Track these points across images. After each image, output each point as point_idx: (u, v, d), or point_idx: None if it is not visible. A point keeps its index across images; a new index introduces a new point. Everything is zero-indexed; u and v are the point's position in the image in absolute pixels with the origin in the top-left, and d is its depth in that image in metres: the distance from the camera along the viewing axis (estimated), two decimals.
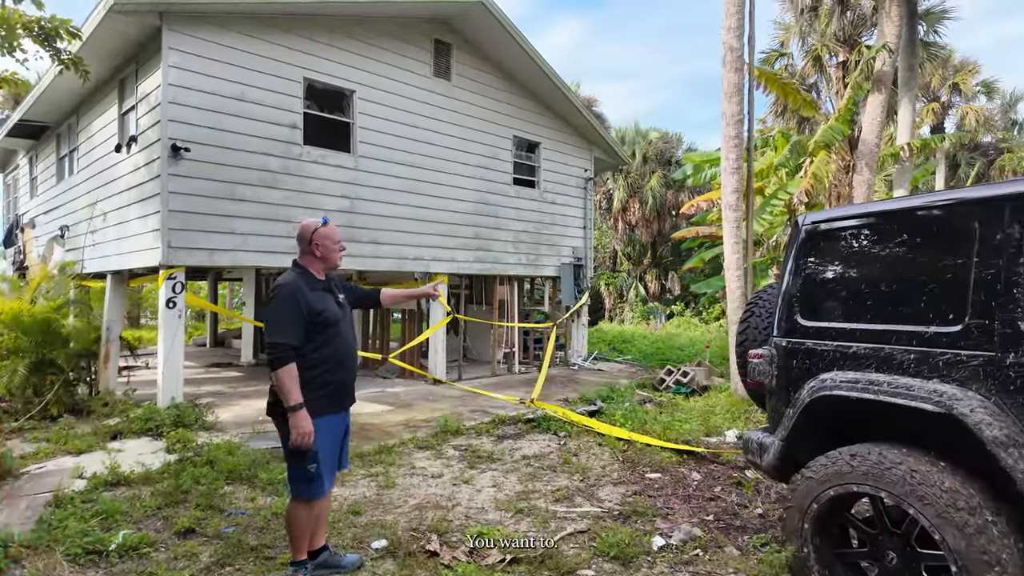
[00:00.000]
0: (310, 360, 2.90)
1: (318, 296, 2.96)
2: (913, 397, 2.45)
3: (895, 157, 9.73)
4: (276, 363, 2.79)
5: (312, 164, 8.69)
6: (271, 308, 2.92)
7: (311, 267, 3.08)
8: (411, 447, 6.15)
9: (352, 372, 3.13)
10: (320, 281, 3.06)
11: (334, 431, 3.02)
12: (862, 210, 2.92)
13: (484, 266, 11.03)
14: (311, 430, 2.81)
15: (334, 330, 2.97)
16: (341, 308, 3.09)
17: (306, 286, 2.95)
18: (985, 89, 21.35)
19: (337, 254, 3.10)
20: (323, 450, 2.93)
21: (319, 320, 2.90)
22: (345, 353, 3.04)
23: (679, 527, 4.16)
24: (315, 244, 3.05)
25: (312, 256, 3.08)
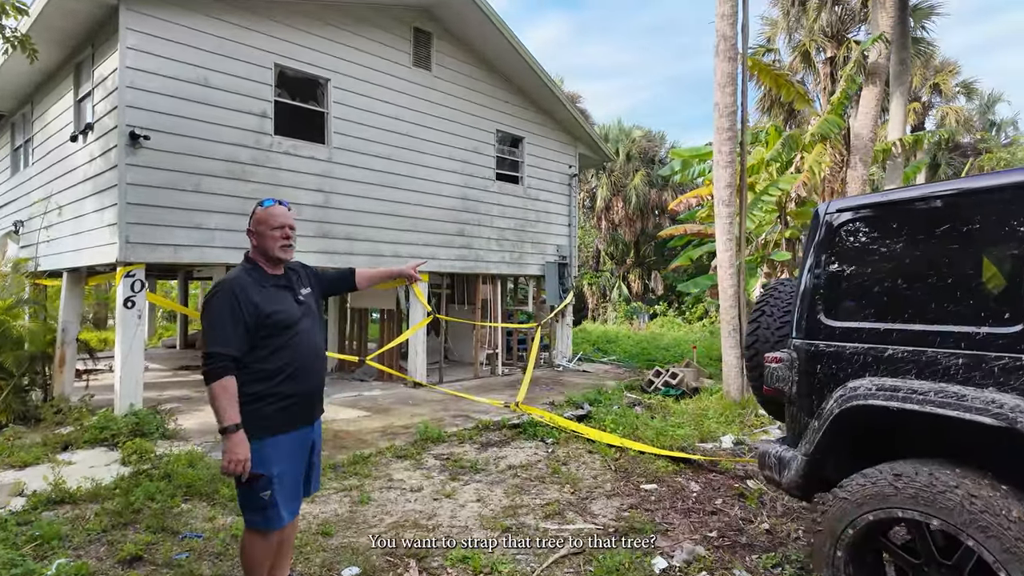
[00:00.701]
0: (260, 371, 2.45)
1: (269, 295, 2.50)
2: (967, 408, 2.12)
3: (886, 153, 9.57)
4: (208, 376, 2.36)
5: (284, 155, 8.22)
6: (205, 312, 2.47)
7: (260, 260, 2.61)
8: (388, 456, 5.74)
9: (317, 381, 2.68)
10: (273, 277, 2.59)
11: (294, 451, 2.56)
12: (898, 196, 2.59)
13: (466, 264, 10.63)
14: (245, 457, 2.35)
15: (291, 334, 2.51)
16: (302, 306, 2.62)
17: (253, 284, 2.49)
18: (965, 90, 21.52)
19: (276, 243, 2.55)
20: (281, 474, 2.48)
21: (269, 323, 2.45)
22: (307, 360, 2.57)
23: (681, 545, 3.82)
24: (249, 231, 2.60)
25: (252, 247, 2.62)
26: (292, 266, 2.76)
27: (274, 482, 2.45)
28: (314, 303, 2.75)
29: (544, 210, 12.21)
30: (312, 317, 2.67)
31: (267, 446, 2.43)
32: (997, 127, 24.21)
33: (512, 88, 11.43)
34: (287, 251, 2.59)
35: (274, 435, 2.46)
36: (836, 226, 2.79)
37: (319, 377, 2.70)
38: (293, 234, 2.63)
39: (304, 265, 2.88)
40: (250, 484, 2.41)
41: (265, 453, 2.43)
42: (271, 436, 2.45)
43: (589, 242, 26.19)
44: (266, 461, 2.42)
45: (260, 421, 2.42)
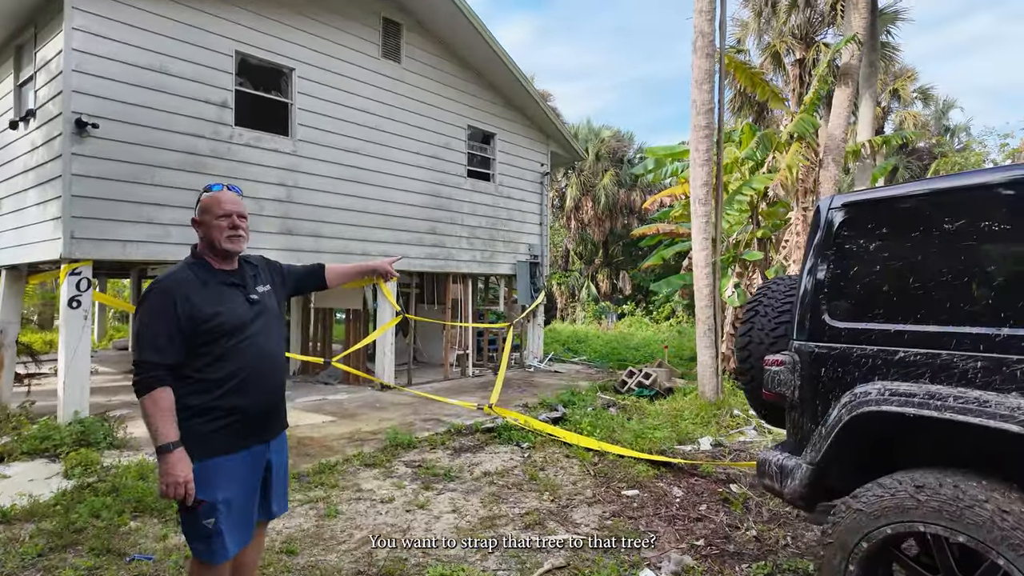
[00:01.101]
0: (201, 382, 2.12)
1: (212, 294, 2.16)
2: (991, 415, 1.99)
3: (855, 154, 9.69)
4: (138, 388, 2.05)
5: (245, 147, 7.81)
6: (137, 315, 2.15)
7: (208, 254, 2.27)
8: (356, 464, 5.44)
9: (272, 392, 2.32)
10: (220, 273, 2.24)
11: (245, 474, 2.22)
12: (909, 190, 2.46)
13: (437, 263, 10.35)
14: (185, 479, 2.02)
15: (239, 339, 2.17)
16: (254, 306, 2.27)
17: (194, 281, 2.16)
18: (922, 96, 22.22)
19: (223, 233, 2.20)
20: (228, 501, 2.14)
21: (210, 328, 2.11)
22: (259, 368, 2.22)
23: (668, 556, 3.65)
24: (195, 221, 2.26)
25: (199, 238, 2.28)
26: (251, 260, 2.44)
27: (219, 509, 2.11)
28: (273, 302, 2.40)
29: (516, 208, 12.01)
30: (268, 319, 2.32)
31: (210, 468, 2.10)
32: (951, 132, 25.11)
33: (484, 83, 11.19)
34: (236, 242, 2.24)
35: (218, 455, 2.13)
36: (840, 222, 2.65)
37: (275, 388, 2.34)
38: (244, 224, 2.28)
39: (267, 260, 2.55)
40: (192, 510, 2.09)
41: (208, 476, 2.09)
42: (214, 457, 2.12)
43: (558, 242, 26.14)
44: (209, 485, 2.09)
45: (201, 439, 2.10)
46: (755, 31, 14.30)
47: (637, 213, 24.13)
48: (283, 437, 2.45)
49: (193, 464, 2.07)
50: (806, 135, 8.35)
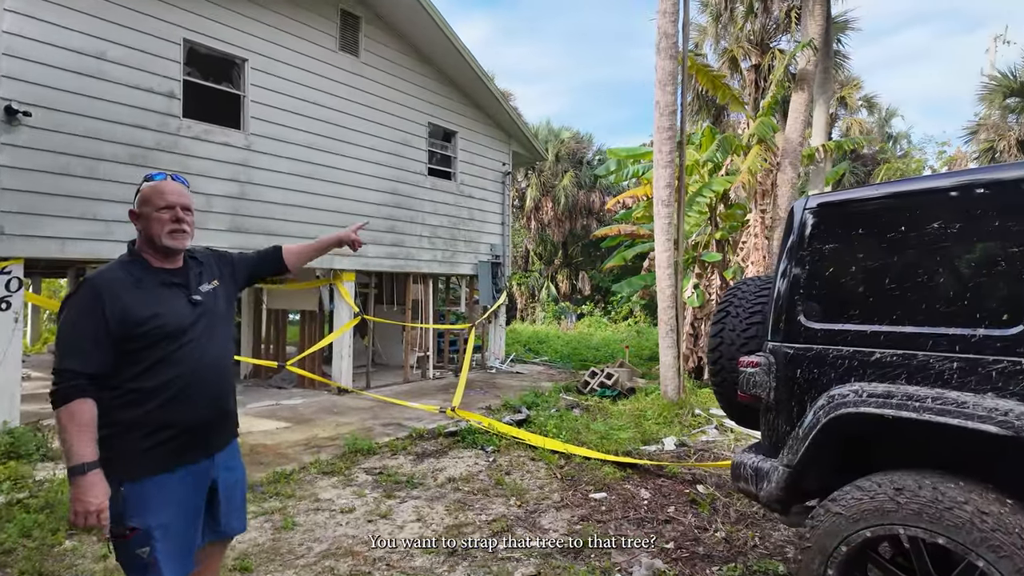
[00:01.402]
0: (132, 392, 1.89)
1: (146, 295, 1.94)
2: (968, 416, 1.99)
3: (810, 158, 9.96)
4: (54, 400, 1.82)
5: (194, 140, 7.43)
6: (59, 318, 1.94)
7: (146, 250, 2.03)
8: (314, 473, 5.21)
9: (217, 403, 2.09)
10: (159, 272, 2.01)
11: (183, 495, 1.98)
12: (883, 191, 2.46)
13: (396, 263, 10.11)
14: (98, 507, 1.78)
15: (178, 344, 1.95)
16: (197, 308, 2.04)
17: (127, 281, 1.93)
18: (867, 104, 23.20)
19: (164, 227, 1.97)
20: (165, 526, 1.91)
21: (142, 333, 1.88)
22: (200, 376, 2.00)
23: (639, 560, 3.60)
24: (133, 213, 2.03)
25: (137, 232, 2.04)
26: (196, 255, 2.19)
27: (154, 536, 1.87)
28: (221, 301, 2.16)
29: (478, 208, 11.87)
30: (213, 320, 2.09)
31: (143, 490, 1.88)
32: (894, 140, 26.28)
33: (445, 81, 11.02)
34: (179, 238, 2.01)
35: (154, 475, 1.90)
36: (814, 223, 2.64)
37: (220, 396, 2.11)
38: (189, 218, 2.04)
39: (214, 251, 2.31)
40: (122, 538, 1.85)
41: (141, 499, 1.87)
42: (150, 476, 1.90)
43: (519, 242, 26.11)
44: (142, 510, 1.87)
45: (133, 458, 1.88)
46: (713, 36, 14.59)
47: (596, 214, 24.31)
48: (234, 448, 2.23)
49: (123, 486, 1.85)
50: (766, 138, 8.51)
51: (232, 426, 2.22)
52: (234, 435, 2.23)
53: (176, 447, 1.95)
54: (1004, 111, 20.00)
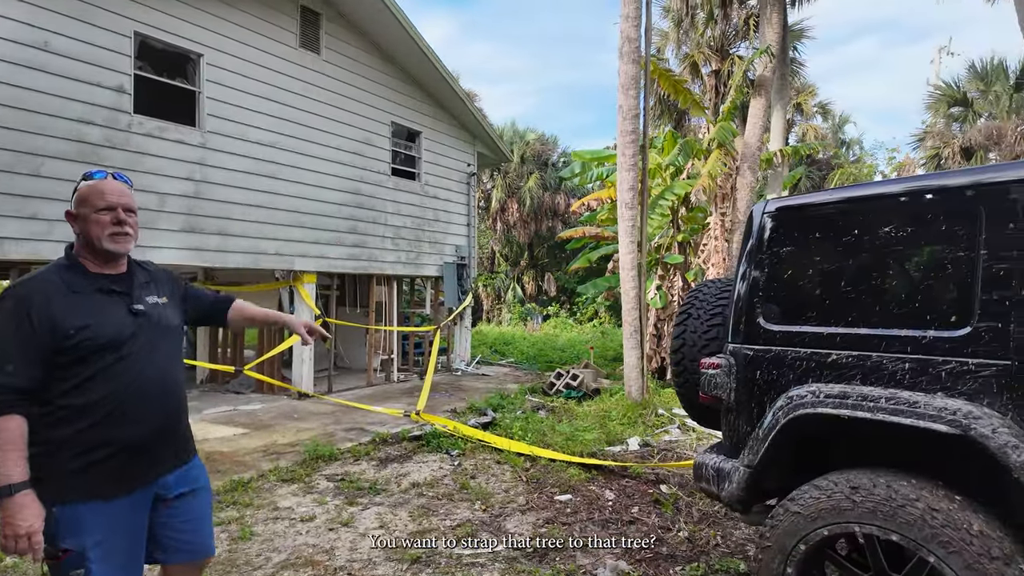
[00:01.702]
0: (64, 409, 1.75)
1: (79, 304, 1.80)
2: (920, 416, 2.04)
3: (768, 162, 10.22)
4: None
5: (146, 138, 7.16)
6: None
7: (84, 254, 1.89)
8: (272, 480, 5.07)
9: (158, 424, 1.92)
10: (97, 278, 1.88)
11: (124, 520, 1.84)
12: (840, 195, 2.52)
13: (359, 264, 9.95)
14: (28, 530, 1.65)
15: (114, 357, 1.81)
16: (138, 319, 1.90)
17: (61, 288, 1.80)
18: (821, 110, 23.96)
19: (104, 229, 1.83)
20: (103, 546, 1.78)
21: (75, 344, 1.75)
22: (141, 392, 1.86)
23: (603, 562, 3.61)
24: (70, 214, 1.89)
25: (75, 235, 1.90)
26: (148, 267, 2.06)
27: (89, 558, 1.75)
28: (168, 315, 2.02)
29: (443, 208, 11.78)
30: (156, 333, 1.94)
31: (78, 513, 1.75)
32: (846, 145, 27.21)
33: (409, 80, 10.90)
34: (120, 241, 1.87)
35: (85, 500, 1.77)
36: (773, 227, 2.68)
37: (164, 417, 1.95)
38: (132, 220, 1.91)
39: (171, 273, 2.16)
40: (55, 559, 1.74)
41: (75, 520, 1.75)
42: (84, 501, 1.76)
43: (484, 243, 26.06)
44: (76, 531, 1.74)
45: (63, 480, 1.75)
46: (675, 41, 14.86)
47: (562, 216, 24.44)
48: (194, 465, 2.08)
49: (55, 507, 1.72)
50: (726, 142, 8.69)
51: (183, 446, 2.05)
52: (186, 457, 2.06)
53: (111, 471, 1.81)
54: (948, 119, 20.95)
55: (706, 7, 13.83)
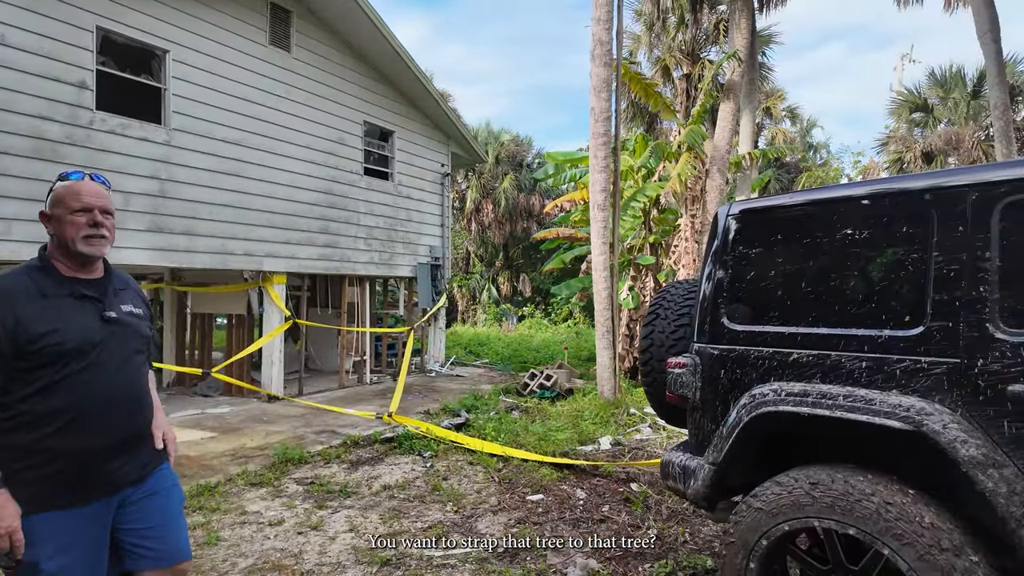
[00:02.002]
0: (23, 415, 1.69)
1: (50, 308, 1.74)
2: (875, 412, 2.10)
3: (737, 165, 10.41)
4: None
5: (109, 135, 6.97)
6: None
7: (58, 256, 1.84)
8: (240, 484, 4.99)
9: (121, 437, 1.86)
10: (69, 282, 1.83)
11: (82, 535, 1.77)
12: (800, 199, 2.58)
13: (331, 264, 9.84)
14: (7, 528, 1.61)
15: (79, 365, 1.75)
16: (109, 326, 1.85)
17: (30, 290, 1.74)
18: (790, 114, 24.51)
19: (79, 231, 1.79)
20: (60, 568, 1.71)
21: (40, 349, 1.69)
22: (106, 401, 1.80)
23: (574, 561, 3.63)
24: (44, 215, 1.85)
25: (49, 236, 1.86)
26: (126, 278, 2.01)
27: (43, 573, 1.69)
28: (141, 326, 1.98)
29: (416, 209, 11.72)
30: (128, 343, 1.90)
31: (32, 524, 1.68)
32: (814, 149, 27.87)
33: (382, 79, 10.82)
34: (96, 244, 1.83)
35: (45, 511, 1.71)
36: (737, 228, 2.73)
37: (129, 428, 1.88)
38: (109, 222, 1.87)
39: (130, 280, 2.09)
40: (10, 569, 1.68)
41: (28, 532, 1.67)
42: (39, 512, 1.70)
43: (459, 244, 26.00)
44: (29, 542, 1.68)
45: (20, 488, 1.68)
46: (647, 45, 15.04)
47: (536, 217, 24.52)
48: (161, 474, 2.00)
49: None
50: (695, 145, 8.83)
51: (149, 458, 1.98)
52: (155, 467, 1.99)
53: (70, 481, 1.74)
54: (910, 125, 21.60)
55: (677, 11, 14.05)
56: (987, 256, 2.04)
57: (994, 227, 2.04)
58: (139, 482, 1.93)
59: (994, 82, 10.17)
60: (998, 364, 1.97)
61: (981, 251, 2.05)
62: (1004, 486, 1.88)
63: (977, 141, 17.41)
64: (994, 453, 1.93)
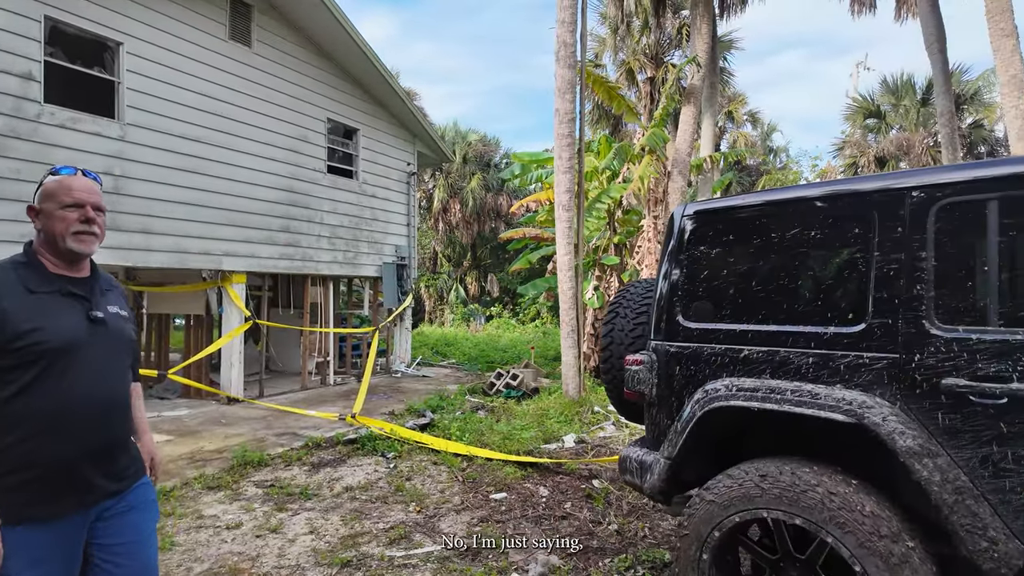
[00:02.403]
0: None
1: (35, 305, 1.67)
2: (820, 406, 2.18)
3: (698, 167, 10.63)
4: None
5: (59, 129, 6.72)
6: None
7: (45, 252, 1.77)
8: (197, 488, 4.87)
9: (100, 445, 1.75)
10: (57, 279, 1.75)
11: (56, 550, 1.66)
12: (750, 200, 2.65)
13: (293, 264, 9.67)
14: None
15: (63, 366, 1.66)
16: (96, 326, 1.77)
17: (14, 285, 1.66)
18: (751, 119, 25.15)
19: (69, 227, 1.73)
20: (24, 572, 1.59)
21: (21, 348, 1.60)
22: (84, 408, 1.70)
23: (535, 558, 3.66)
24: (32, 210, 1.78)
25: (36, 232, 1.78)
26: (107, 278, 1.92)
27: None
28: (127, 328, 1.89)
29: (382, 208, 11.61)
30: (112, 345, 1.81)
31: (5, 536, 1.58)
32: (774, 153, 28.64)
33: (346, 76, 10.69)
34: (85, 241, 1.76)
35: (17, 523, 1.60)
36: (691, 229, 2.80)
37: (110, 436, 1.78)
38: (101, 219, 1.80)
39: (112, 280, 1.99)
40: None
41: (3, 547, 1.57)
42: (11, 524, 1.59)
43: (426, 244, 25.85)
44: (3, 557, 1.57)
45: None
46: (612, 48, 15.24)
47: (504, 217, 24.55)
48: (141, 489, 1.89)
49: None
50: (656, 148, 8.98)
51: (130, 469, 1.87)
52: (135, 479, 1.89)
53: (45, 491, 1.63)
54: (865, 130, 22.39)
55: (641, 15, 14.28)
56: (923, 256, 2.14)
57: (930, 228, 2.14)
58: (117, 494, 1.82)
59: (940, 91, 10.63)
60: (933, 359, 2.06)
61: (918, 251, 2.15)
62: (938, 474, 1.98)
63: (926, 147, 18.14)
64: (929, 443, 2.03)
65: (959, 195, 2.10)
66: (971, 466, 1.97)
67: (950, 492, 1.95)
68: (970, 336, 2.00)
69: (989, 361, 1.95)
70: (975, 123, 19.70)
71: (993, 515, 1.91)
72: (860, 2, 13.61)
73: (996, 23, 7.52)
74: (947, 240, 2.12)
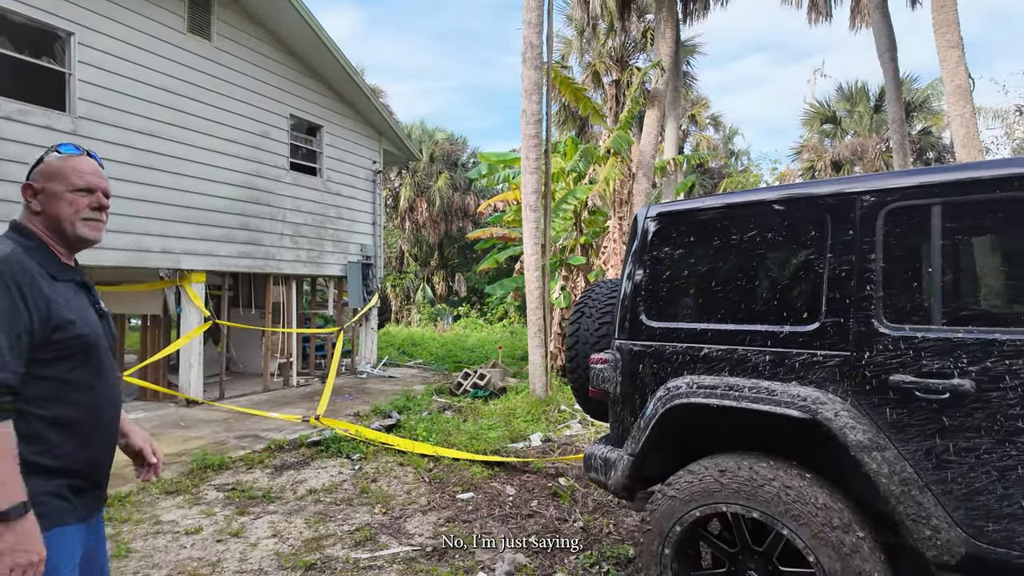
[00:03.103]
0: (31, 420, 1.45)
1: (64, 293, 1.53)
2: (776, 403, 2.26)
3: (662, 170, 10.82)
4: None
5: (5, 121, 6.44)
6: None
7: (48, 237, 1.60)
8: (155, 493, 4.74)
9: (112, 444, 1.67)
10: (67, 268, 1.62)
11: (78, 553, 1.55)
12: (710, 203, 2.72)
13: (254, 263, 9.47)
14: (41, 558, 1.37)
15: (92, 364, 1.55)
16: (103, 322, 1.67)
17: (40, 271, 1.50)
18: (713, 122, 25.71)
19: (79, 212, 1.58)
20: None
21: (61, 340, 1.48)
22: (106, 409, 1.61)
23: (502, 556, 3.67)
24: (30, 188, 1.60)
25: (31, 213, 1.59)
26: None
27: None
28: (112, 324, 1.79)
29: (347, 206, 11.46)
30: (110, 341, 1.71)
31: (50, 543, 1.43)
32: (735, 156, 29.32)
33: (310, 72, 10.52)
34: (97, 229, 1.64)
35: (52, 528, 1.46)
36: (654, 230, 2.85)
37: (116, 437, 1.70)
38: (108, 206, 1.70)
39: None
40: None
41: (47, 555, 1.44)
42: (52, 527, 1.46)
43: (393, 243, 25.61)
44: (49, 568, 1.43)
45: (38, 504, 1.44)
46: (578, 50, 15.38)
47: (472, 216, 24.51)
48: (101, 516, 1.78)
49: None
50: (622, 151, 9.10)
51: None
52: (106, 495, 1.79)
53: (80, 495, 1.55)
54: (821, 135, 23.11)
55: (607, 18, 14.45)
56: (873, 257, 2.23)
57: (879, 231, 2.24)
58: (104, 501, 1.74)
59: (892, 98, 11.06)
60: (882, 356, 2.16)
61: (868, 253, 2.24)
62: (886, 467, 2.07)
63: (879, 152, 18.84)
64: (878, 437, 2.12)
65: (906, 200, 2.20)
66: (916, 459, 2.06)
67: (897, 484, 2.04)
68: (916, 334, 2.10)
69: (933, 358, 2.05)
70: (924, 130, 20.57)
71: (936, 505, 2.01)
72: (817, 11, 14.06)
73: (943, 35, 7.86)
74: (895, 243, 2.21)
